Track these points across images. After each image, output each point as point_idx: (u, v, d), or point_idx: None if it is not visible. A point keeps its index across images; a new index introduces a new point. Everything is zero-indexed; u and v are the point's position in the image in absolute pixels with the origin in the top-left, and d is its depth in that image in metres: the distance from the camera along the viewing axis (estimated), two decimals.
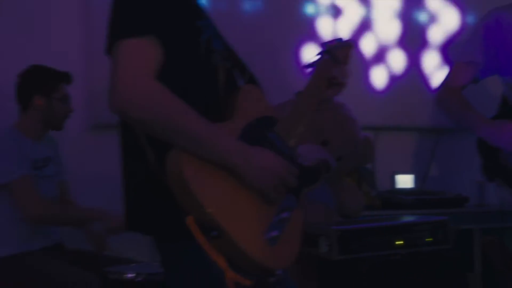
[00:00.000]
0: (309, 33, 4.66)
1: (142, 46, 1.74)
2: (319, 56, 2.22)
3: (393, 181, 4.85)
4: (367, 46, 4.85)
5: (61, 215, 3.65)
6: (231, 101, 1.89)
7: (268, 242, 1.76)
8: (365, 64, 4.83)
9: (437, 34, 5.08)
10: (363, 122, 3.72)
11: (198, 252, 1.69)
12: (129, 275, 3.14)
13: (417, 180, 4.87)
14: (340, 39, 2.31)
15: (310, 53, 4.28)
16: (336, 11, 4.76)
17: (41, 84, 3.73)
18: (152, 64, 1.74)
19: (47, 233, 3.70)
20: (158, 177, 1.72)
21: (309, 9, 4.73)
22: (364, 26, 4.84)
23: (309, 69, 2.19)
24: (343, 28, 4.71)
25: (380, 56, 4.89)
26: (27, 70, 3.76)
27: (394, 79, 4.90)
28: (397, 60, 4.93)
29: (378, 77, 4.87)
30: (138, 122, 1.74)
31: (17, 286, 3.44)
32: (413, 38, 4.96)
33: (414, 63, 4.97)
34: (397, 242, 3.19)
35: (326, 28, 4.70)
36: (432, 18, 5.07)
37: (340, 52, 2.21)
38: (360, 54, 4.78)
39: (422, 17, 5.05)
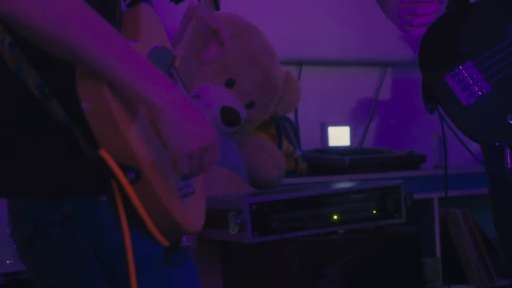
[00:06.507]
0: None
1: None
2: None
3: (324, 136, 4.42)
4: None
5: None
6: (131, 17, 1.76)
7: (181, 199, 1.68)
8: None
9: None
10: (284, 54, 3.59)
11: (93, 209, 1.57)
12: None
13: (354, 135, 4.48)
14: None
15: None
16: None
17: None
18: None
19: None
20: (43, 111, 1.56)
21: None
22: None
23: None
24: None
25: None
26: None
27: None
28: None
29: None
30: (33, 31, 1.49)
31: None
32: None
33: None
34: (332, 217, 3.05)
35: None
36: None
37: None
38: None
39: None
